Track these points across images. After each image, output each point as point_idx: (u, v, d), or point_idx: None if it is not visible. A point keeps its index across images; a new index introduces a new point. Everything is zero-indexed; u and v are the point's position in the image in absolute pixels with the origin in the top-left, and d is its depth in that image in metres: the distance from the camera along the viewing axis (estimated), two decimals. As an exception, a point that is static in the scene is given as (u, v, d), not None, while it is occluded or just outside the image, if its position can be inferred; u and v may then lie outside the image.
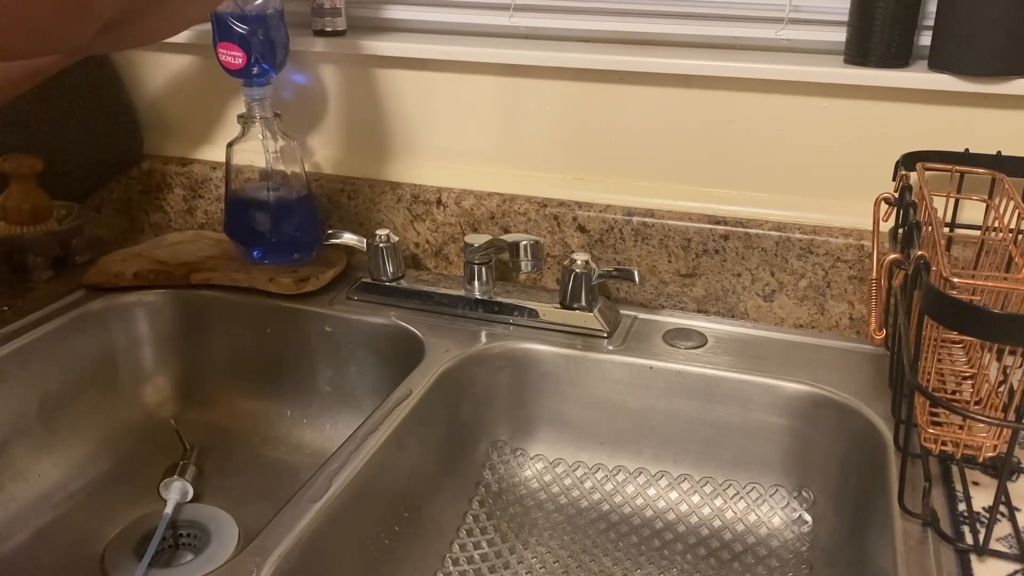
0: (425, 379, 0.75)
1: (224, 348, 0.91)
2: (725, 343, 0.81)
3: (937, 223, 0.61)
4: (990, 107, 0.75)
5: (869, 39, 0.76)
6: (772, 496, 0.77)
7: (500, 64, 0.87)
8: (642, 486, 0.79)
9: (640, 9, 0.87)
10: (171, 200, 1.03)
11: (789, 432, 0.75)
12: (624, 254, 0.87)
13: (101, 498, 0.80)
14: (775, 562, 0.72)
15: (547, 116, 0.88)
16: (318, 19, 0.91)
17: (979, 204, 0.73)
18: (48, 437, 0.81)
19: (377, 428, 0.68)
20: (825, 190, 0.82)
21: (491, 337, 0.82)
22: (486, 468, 0.81)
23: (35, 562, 0.73)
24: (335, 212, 0.96)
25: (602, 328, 0.81)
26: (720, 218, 0.83)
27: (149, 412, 0.90)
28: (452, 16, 0.92)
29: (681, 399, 0.78)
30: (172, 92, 1.02)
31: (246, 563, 0.54)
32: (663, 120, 0.85)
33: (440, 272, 0.94)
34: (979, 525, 0.56)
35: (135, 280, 0.89)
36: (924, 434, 0.59)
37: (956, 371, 0.70)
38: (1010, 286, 0.57)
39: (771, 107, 0.81)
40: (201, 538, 0.74)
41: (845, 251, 0.80)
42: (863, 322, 0.82)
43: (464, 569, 0.72)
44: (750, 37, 0.84)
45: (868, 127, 0.79)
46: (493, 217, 0.90)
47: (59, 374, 0.83)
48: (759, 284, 0.84)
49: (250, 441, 0.89)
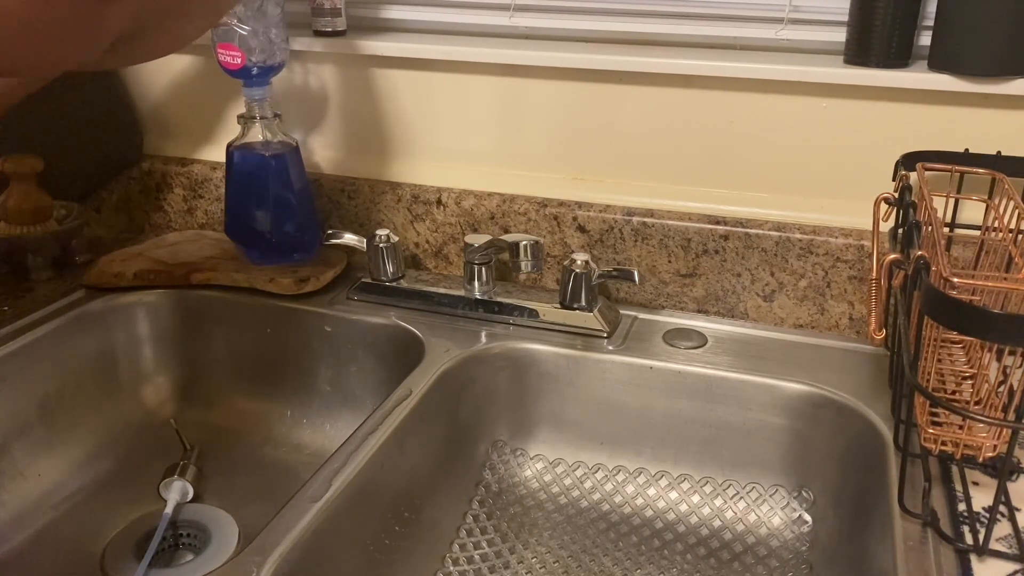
0: (425, 379, 0.75)
1: (224, 348, 0.91)
2: (725, 343, 0.81)
3: (937, 223, 0.61)
4: (990, 107, 0.75)
5: (869, 39, 0.76)
6: (772, 496, 0.77)
7: (500, 64, 0.87)
8: (642, 486, 0.79)
9: (640, 9, 0.87)
10: (171, 200, 1.03)
11: (789, 432, 0.75)
12: (624, 254, 0.87)
13: (101, 498, 0.80)
14: (775, 562, 0.72)
15: (547, 116, 0.88)
16: (318, 19, 0.91)
17: (979, 204, 0.73)
18: (48, 437, 0.81)
19: (377, 428, 0.68)
20: (825, 190, 0.82)
21: (491, 337, 0.82)
22: (486, 468, 0.81)
23: (35, 562, 0.73)
24: (335, 212, 0.96)
25: (602, 328, 0.81)
26: (720, 218, 0.83)
27: (149, 412, 0.90)
28: (452, 16, 0.92)
29: (681, 399, 0.78)
30: (172, 92, 1.02)
31: (246, 563, 0.54)
32: (663, 120, 0.85)
33: (440, 272, 0.94)
34: (979, 525, 0.56)
35: (135, 280, 0.89)
36: (924, 434, 0.59)
37: (956, 371, 0.70)
38: (1010, 286, 0.57)
39: (771, 107, 0.81)
40: (201, 538, 0.74)
41: (845, 251, 0.80)
42: (863, 322, 0.82)
43: (464, 569, 0.72)
44: (750, 37, 0.84)
45: (868, 127, 0.79)
46: (493, 217, 0.90)
47: (59, 374, 0.83)
48: (759, 284, 0.84)
49: (250, 441, 0.89)
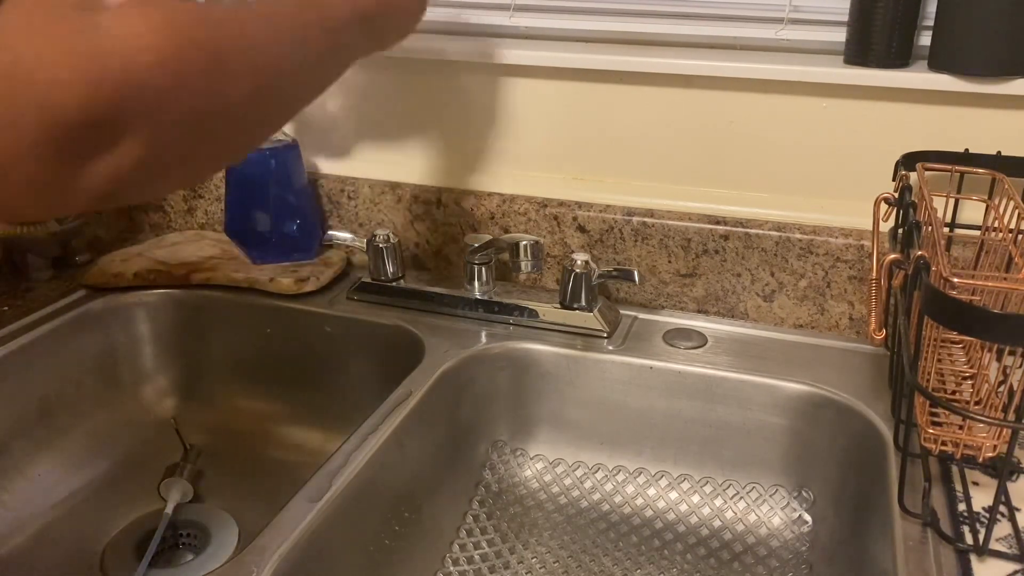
0: (425, 379, 0.75)
1: (224, 348, 0.91)
2: (725, 343, 0.81)
3: (937, 223, 0.61)
4: (990, 107, 0.75)
5: (869, 39, 0.76)
6: (772, 496, 0.77)
7: (500, 64, 0.86)
8: (642, 486, 0.79)
9: (640, 9, 0.87)
10: (171, 200, 1.03)
11: (789, 432, 0.75)
12: (624, 254, 0.87)
13: (101, 498, 0.80)
14: (775, 562, 0.72)
15: (547, 116, 0.88)
16: (318, 19, 0.91)
17: (979, 204, 0.73)
18: (48, 437, 0.81)
19: (377, 428, 0.68)
20: (825, 190, 0.82)
21: (491, 337, 0.82)
22: (486, 468, 0.81)
23: (35, 562, 0.73)
24: (335, 212, 0.96)
25: (602, 328, 0.81)
26: (720, 218, 0.83)
27: (149, 412, 0.90)
28: (452, 16, 0.92)
29: (681, 399, 0.78)
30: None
31: (246, 563, 0.54)
32: (663, 120, 0.85)
33: (440, 272, 0.94)
34: (979, 525, 0.56)
35: (135, 280, 0.89)
36: (924, 434, 0.59)
37: (956, 371, 0.70)
38: (1010, 286, 0.57)
39: (771, 107, 0.81)
40: (201, 538, 0.74)
41: (845, 251, 0.80)
42: (863, 322, 0.82)
43: (464, 569, 0.72)
44: (750, 37, 0.84)
45: (868, 127, 0.79)
46: (493, 217, 0.90)
47: (59, 374, 0.83)
48: (759, 284, 0.84)
49: (250, 441, 0.89)
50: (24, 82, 0.31)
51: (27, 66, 0.31)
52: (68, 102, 0.32)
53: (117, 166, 0.36)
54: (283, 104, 0.50)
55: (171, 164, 0.40)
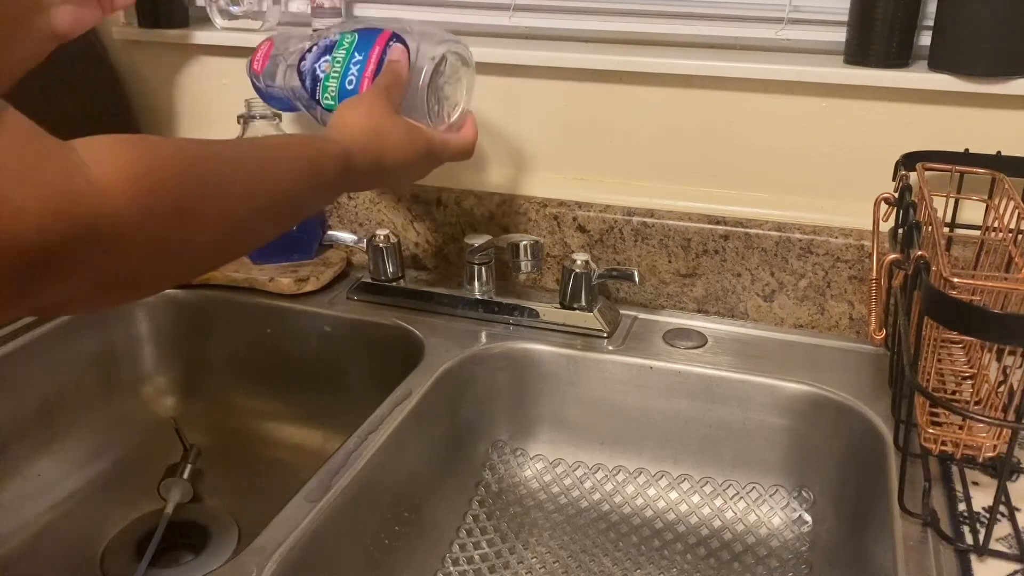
0: (425, 379, 0.75)
1: (224, 348, 0.91)
2: (725, 343, 0.81)
3: (937, 223, 0.61)
4: (990, 107, 0.75)
5: (869, 39, 0.76)
6: (772, 496, 0.77)
7: (500, 64, 0.86)
8: (642, 486, 0.79)
9: (640, 9, 0.87)
10: (171, 200, 1.03)
11: (789, 432, 0.75)
12: (624, 254, 0.87)
13: (101, 498, 0.80)
14: (775, 562, 0.72)
15: (547, 116, 0.88)
16: (318, 19, 0.91)
17: (979, 204, 0.73)
18: (48, 437, 0.81)
19: (377, 428, 0.68)
20: (825, 190, 0.82)
21: (491, 337, 0.82)
22: (486, 468, 0.81)
23: (35, 562, 0.73)
24: (335, 212, 0.96)
25: (602, 328, 0.81)
26: (720, 218, 0.83)
27: (149, 412, 0.90)
28: (452, 16, 0.92)
29: (681, 399, 0.78)
30: (171, 92, 1.01)
31: (246, 563, 0.54)
32: (663, 120, 0.85)
33: (440, 272, 0.94)
34: (979, 525, 0.56)
35: (135, 280, 0.89)
36: (924, 434, 0.59)
37: (956, 371, 0.70)
38: (1010, 286, 0.57)
39: (771, 107, 0.81)
40: (201, 538, 0.74)
41: (845, 251, 0.80)
42: (863, 322, 0.82)
43: (464, 569, 0.72)
44: (750, 37, 0.84)
45: (868, 127, 0.79)
46: (493, 217, 0.90)
47: (59, 374, 0.83)
48: (759, 284, 0.84)
49: (250, 441, 0.89)
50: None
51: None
52: (29, 234, 0.33)
53: (69, 294, 0.37)
54: (255, 237, 0.50)
55: (127, 287, 0.40)
